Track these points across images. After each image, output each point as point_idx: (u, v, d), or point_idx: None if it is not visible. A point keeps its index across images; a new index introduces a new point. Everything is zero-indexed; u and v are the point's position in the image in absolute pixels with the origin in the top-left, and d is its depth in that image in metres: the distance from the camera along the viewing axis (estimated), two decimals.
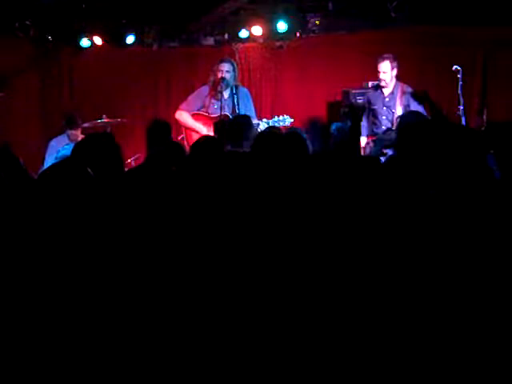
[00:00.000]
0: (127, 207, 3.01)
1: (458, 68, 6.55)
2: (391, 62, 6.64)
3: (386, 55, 6.66)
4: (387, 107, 6.73)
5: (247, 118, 5.50)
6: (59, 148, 6.40)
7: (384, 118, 6.74)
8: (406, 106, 6.62)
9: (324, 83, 8.08)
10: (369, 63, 7.79)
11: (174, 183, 3.33)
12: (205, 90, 6.81)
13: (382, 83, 6.70)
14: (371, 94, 6.92)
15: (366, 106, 6.78)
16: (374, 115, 6.82)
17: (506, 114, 6.89)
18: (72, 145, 5.74)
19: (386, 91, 6.76)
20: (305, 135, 4.90)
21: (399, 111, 6.62)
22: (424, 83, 7.27)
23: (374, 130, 6.75)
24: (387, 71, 6.65)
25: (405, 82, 6.95)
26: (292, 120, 6.52)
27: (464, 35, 7.39)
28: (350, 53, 7.96)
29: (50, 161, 6.26)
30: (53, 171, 2.85)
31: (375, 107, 6.80)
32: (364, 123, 6.81)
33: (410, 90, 6.70)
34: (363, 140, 6.55)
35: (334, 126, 5.30)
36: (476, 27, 7.26)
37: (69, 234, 2.61)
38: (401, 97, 6.68)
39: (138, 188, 3.29)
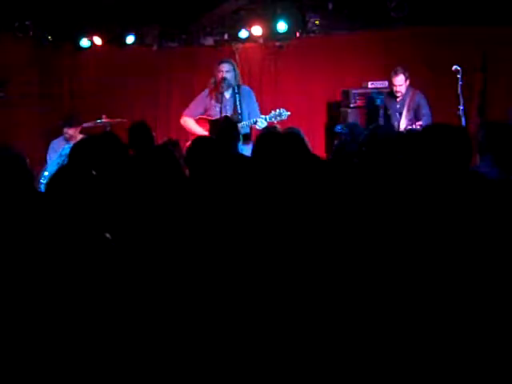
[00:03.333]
0: (128, 207, 3.02)
1: (458, 68, 6.55)
2: (404, 74, 6.80)
3: (398, 69, 6.82)
4: (399, 113, 6.87)
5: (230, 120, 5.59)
6: (64, 146, 6.40)
7: (396, 123, 6.87)
8: (416, 110, 6.77)
9: (324, 83, 8.08)
10: (369, 63, 7.81)
11: (173, 184, 3.33)
12: (205, 93, 6.81)
13: (398, 94, 6.86)
14: (388, 99, 7.06)
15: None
16: (389, 120, 6.96)
17: (507, 114, 6.88)
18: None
19: (399, 98, 6.91)
20: (302, 135, 4.90)
21: (405, 116, 6.79)
22: (424, 83, 7.27)
23: None
24: (402, 83, 6.82)
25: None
26: (289, 113, 6.53)
27: (464, 35, 7.38)
28: (350, 53, 7.96)
29: (53, 160, 6.24)
30: (58, 175, 2.85)
31: (390, 113, 6.97)
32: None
33: (421, 95, 6.83)
34: None
35: (339, 127, 5.28)
36: (476, 27, 7.25)
37: (70, 235, 2.62)
38: (410, 101, 6.80)
39: (137, 188, 3.29)
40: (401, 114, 6.85)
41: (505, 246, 2.59)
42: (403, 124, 6.77)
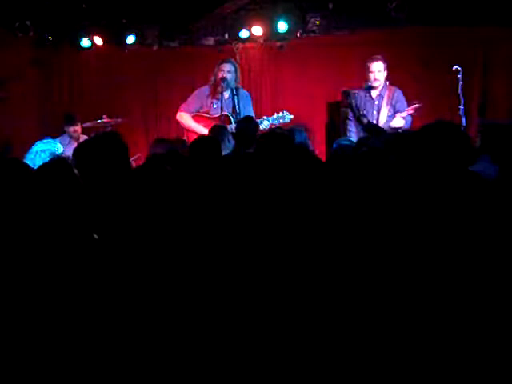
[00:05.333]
0: (128, 207, 3.01)
1: (458, 68, 6.54)
2: (383, 63, 6.64)
3: (377, 56, 6.65)
4: (377, 111, 6.71)
5: (254, 121, 5.59)
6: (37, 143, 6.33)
7: (374, 121, 6.71)
8: (395, 106, 6.61)
9: (324, 83, 8.07)
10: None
11: (173, 183, 3.33)
12: (204, 90, 6.83)
13: (377, 83, 6.67)
14: (359, 97, 6.84)
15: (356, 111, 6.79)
16: (364, 120, 6.76)
17: (507, 114, 6.89)
18: (47, 141, 5.70)
19: (374, 94, 6.73)
20: (304, 133, 4.91)
21: (384, 112, 6.62)
22: (424, 83, 7.28)
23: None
24: (381, 70, 6.64)
25: (405, 83, 6.95)
26: (292, 116, 6.53)
27: (464, 35, 7.38)
28: (350, 53, 7.95)
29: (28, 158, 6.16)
30: (41, 172, 2.86)
31: (365, 112, 6.75)
32: (352, 128, 6.78)
33: (399, 91, 6.69)
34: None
35: (335, 145, 5.24)
36: (476, 27, 7.26)
37: (67, 234, 2.62)
38: (388, 97, 6.66)
39: (138, 188, 3.29)
40: (378, 112, 6.66)
41: (502, 246, 2.59)
42: (383, 120, 6.58)
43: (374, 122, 6.68)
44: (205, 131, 6.50)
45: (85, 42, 8.04)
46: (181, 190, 3.24)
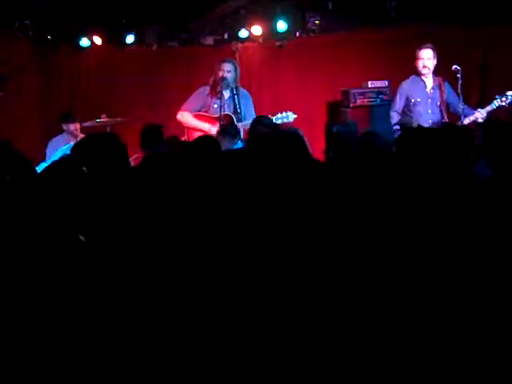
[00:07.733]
0: (126, 206, 3.02)
1: (458, 68, 6.54)
2: (433, 51, 6.65)
3: (427, 44, 6.66)
4: (432, 99, 6.71)
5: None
6: (61, 148, 6.38)
7: (429, 111, 6.69)
8: (447, 98, 6.64)
9: (324, 83, 8.08)
10: (369, 63, 7.81)
11: (171, 183, 3.33)
12: (205, 89, 6.86)
13: (425, 71, 6.67)
14: (410, 86, 6.81)
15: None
16: (412, 109, 6.73)
17: (506, 113, 6.87)
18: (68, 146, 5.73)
19: (429, 83, 6.74)
20: (303, 135, 4.90)
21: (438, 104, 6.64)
22: None
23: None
24: (431, 57, 6.65)
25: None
26: (295, 116, 6.55)
27: (463, 34, 7.37)
28: (350, 53, 7.96)
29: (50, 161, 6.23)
30: (50, 171, 2.86)
31: (416, 100, 6.74)
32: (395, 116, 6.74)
33: (446, 82, 6.71)
34: None
35: (335, 129, 5.25)
36: (475, 26, 7.25)
37: (67, 233, 2.62)
38: (441, 89, 6.68)
39: (136, 188, 3.29)
40: (434, 101, 6.62)
41: (499, 246, 2.59)
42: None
43: (429, 110, 6.64)
44: (206, 127, 6.54)
45: (84, 42, 8.05)
46: (179, 189, 3.25)
